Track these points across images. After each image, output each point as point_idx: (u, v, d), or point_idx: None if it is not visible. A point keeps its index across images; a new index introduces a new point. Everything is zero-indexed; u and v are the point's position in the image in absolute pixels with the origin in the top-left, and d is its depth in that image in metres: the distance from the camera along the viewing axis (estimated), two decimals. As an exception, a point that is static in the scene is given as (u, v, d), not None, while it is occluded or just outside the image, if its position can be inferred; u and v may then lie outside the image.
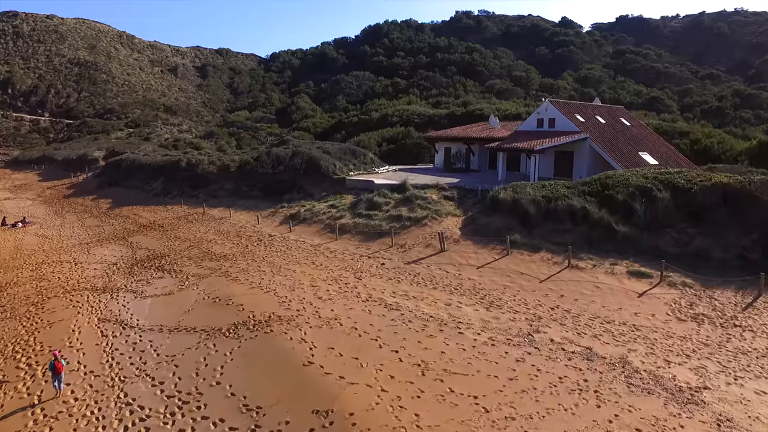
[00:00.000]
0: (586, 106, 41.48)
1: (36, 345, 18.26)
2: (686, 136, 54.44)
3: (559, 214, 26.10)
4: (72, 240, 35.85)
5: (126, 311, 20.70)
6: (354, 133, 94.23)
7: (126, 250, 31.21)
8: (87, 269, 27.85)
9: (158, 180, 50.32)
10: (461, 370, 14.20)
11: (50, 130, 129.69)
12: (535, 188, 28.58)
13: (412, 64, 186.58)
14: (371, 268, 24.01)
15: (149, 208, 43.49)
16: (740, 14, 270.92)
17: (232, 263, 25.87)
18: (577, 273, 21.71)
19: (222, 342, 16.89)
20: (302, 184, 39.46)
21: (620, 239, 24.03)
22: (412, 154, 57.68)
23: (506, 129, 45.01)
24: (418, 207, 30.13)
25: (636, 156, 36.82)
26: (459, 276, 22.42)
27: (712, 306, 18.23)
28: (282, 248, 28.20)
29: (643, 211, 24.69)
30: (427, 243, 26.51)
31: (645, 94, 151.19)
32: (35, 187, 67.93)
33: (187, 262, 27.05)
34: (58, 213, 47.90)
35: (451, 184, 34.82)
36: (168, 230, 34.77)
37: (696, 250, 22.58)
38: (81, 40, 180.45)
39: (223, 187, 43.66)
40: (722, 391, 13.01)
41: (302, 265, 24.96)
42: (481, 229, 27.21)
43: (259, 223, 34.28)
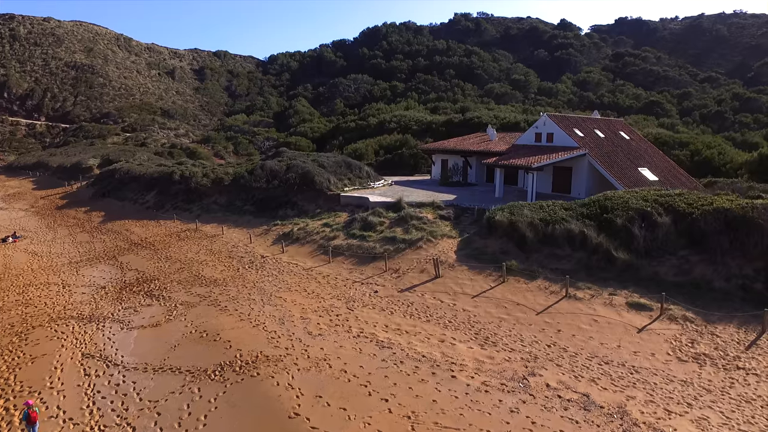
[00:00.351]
0: (584, 119, 40.91)
1: (16, 384, 17.65)
2: (686, 147, 53.90)
3: (557, 238, 25.51)
4: (62, 258, 35.23)
5: (111, 345, 20.10)
6: (352, 139, 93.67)
7: (116, 271, 30.60)
8: (75, 293, 27.23)
9: (151, 192, 49.70)
10: (452, 423, 13.61)
11: (46, 135, 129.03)
12: (533, 209, 28.00)
13: (411, 67, 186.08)
14: (364, 297, 23.41)
15: (141, 222, 42.85)
16: (739, 16, 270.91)
17: (222, 289, 25.25)
18: (575, 304, 21.13)
19: (207, 386, 16.28)
20: (296, 200, 38.85)
21: (620, 266, 23.46)
22: (410, 165, 57.07)
23: (504, 141, 44.42)
24: (413, 228, 29.53)
25: (635, 172, 36.25)
26: (453, 306, 21.83)
27: (714, 344, 17.65)
28: (274, 272, 27.59)
29: (643, 236, 24.13)
30: (422, 268, 25.92)
31: (644, 97, 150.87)
32: (29, 197, 67.25)
33: (177, 286, 26.43)
34: (50, 226, 47.25)
35: (446, 201, 34.21)
36: (159, 249, 34.15)
37: (697, 279, 22.01)
38: (78, 43, 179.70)
39: (217, 201, 43.05)
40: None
41: (293, 292, 24.35)
42: (477, 253, 26.62)
43: (251, 242, 33.66)
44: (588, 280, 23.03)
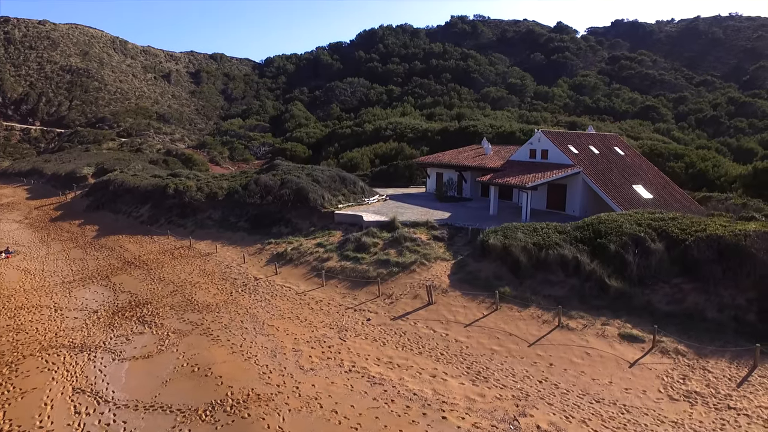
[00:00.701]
0: (579, 135, 40.92)
1: (5, 423, 17.54)
2: (681, 159, 54.01)
3: (550, 264, 25.50)
4: (54, 277, 35.07)
5: (102, 379, 19.99)
6: (347, 145, 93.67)
7: (108, 293, 30.47)
8: (67, 318, 27.11)
9: (146, 206, 49.52)
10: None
11: (41, 140, 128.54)
12: (527, 233, 27.98)
13: (407, 70, 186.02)
14: (356, 325, 23.36)
15: (135, 238, 42.69)
16: (734, 19, 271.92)
17: (214, 316, 25.16)
18: (567, 335, 21.12)
19: (197, 427, 16.20)
20: (290, 217, 38.77)
21: (613, 294, 23.46)
22: (405, 177, 57.03)
23: (499, 156, 44.41)
24: (407, 250, 29.50)
25: (629, 189, 36.26)
26: (446, 337, 21.78)
27: (706, 381, 17.66)
28: (267, 296, 27.51)
29: (636, 263, 24.13)
30: (415, 293, 25.88)
31: (640, 102, 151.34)
32: (22, 207, 66.95)
33: (169, 312, 26.32)
34: (44, 240, 47.04)
35: (440, 221, 34.18)
36: (152, 269, 34.01)
37: (690, 309, 22.01)
38: (73, 47, 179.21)
39: (211, 217, 42.92)
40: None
41: (286, 320, 24.28)
42: (471, 277, 26.59)
43: (245, 262, 33.58)
44: (581, 308, 23.02)
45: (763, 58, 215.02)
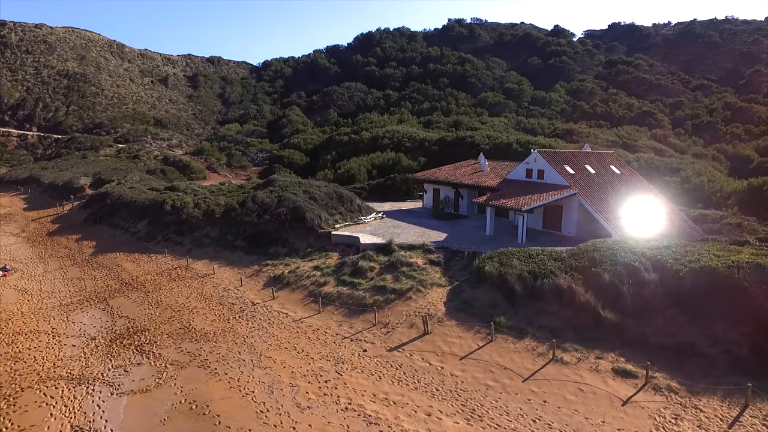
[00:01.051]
0: (575, 154, 41.13)
1: (3, 464, 17.70)
2: (677, 173, 54.26)
3: (545, 293, 25.73)
4: (52, 299, 35.18)
5: (101, 416, 20.13)
6: (345, 153, 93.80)
7: (106, 318, 30.60)
8: (64, 345, 27.24)
9: (143, 221, 49.64)
10: None
11: (38, 146, 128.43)
12: (522, 259, 28.20)
13: (405, 74, 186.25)
14: (353, 357, 23.54)
15: (132, 256, 42.80)
16: (731, 22, 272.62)
17: (212, 346, 25.32)
18: (561, 369, 21.34)
19: (194, 472, 16.38)
20: (287, 237, 38.95)
21: (607, 326, 23.67)
22: (402, 190, 57.21)
23: (495, 173, 44.62)
24: (403, 275, 29.71)
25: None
26: (441, 371, 21.97)
27: (698, 421, 17.88)
28: (264, 323, 27.67)
29: (630, 294, 24.36)
30: (411, 322, 26.07)
31: (637, 107, 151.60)
32: (19, 218, 66.93)
33: (167, 340, 26.47)
34: (41, 257, 47.11)
35: (437, 243, 34.36)
36: (150, 292, 34.13)
37: (683, 343, 22.23)
38: (70, 51, 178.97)
39: (209, 234, 43.06)
40: None
41: (283, 350, 24.45)
42: (466, 306, 26.78)
43: (242, 285, 33.73)
44: (575, 340, 23.25)
45: (759, 62, 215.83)
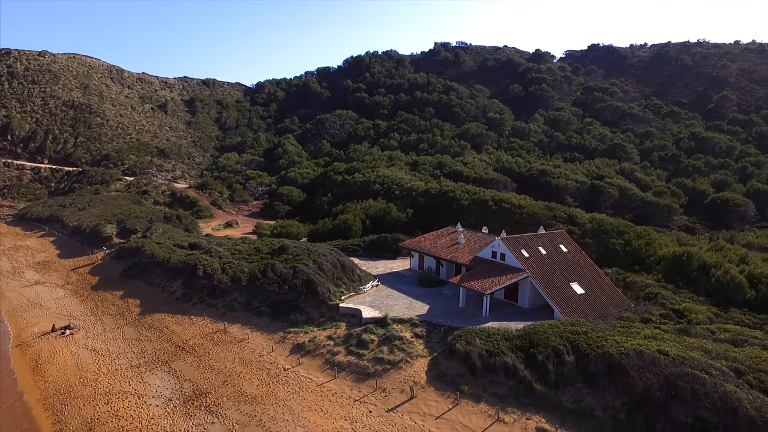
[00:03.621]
0: (531, 237, 52.03)
1: (144, 500, 27.91)
2: (621, 236, 65.23)
3: (497, 368, 36.42)
4: (122, 359, 45.27)
5: (196, 465, 30.43)
6: (340, 195, 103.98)
7: (174, 381, 40.81)
8: (150, 405, 37.43)
9: (177, 281, 59.72)
10: None
11: (51, 179, 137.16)
12: (482, 338, 38.89)
13: (393, 102, 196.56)
14: (362, 416, 34.06)
15: (176, 318, 52.94)
16: (702, 45, 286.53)
17: (263, 408, 35.70)
18: (502, 427, 32.01)
19: (271, 505, 26.78)
20: (304, 306, 49.42)
21: (537, 395, 34.41)
22: (392, 249, 67.85)
23: (469, 247, 55.43)
24: (396, 348, 40.37)
25: (567, 288, 47.43)
26: (423, 427, 32.57)
27: (583, 467, 28.59)
28: (296, 387, 38.11)
29: (554, 371, 35.13)
30: (402, 388, 36.65)
31: (609, 139, 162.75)
32: (58, 267, 76.54)
33: (227, 402, 36.81)
34: (95, 313, 57.05)
35: (421, 316, 45.15)
36: (201, 356, 44.38)
37: (585, 408, 33.04)
38: (74, 79, 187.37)
39: (237, 300, 53.34)
40: None
41: (313, 412, 34.91)
42: (441, 374, 37.44)
43: (273, 351, 44.09)
44: (515, 404, 33.95)
45: (726, 86, 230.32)
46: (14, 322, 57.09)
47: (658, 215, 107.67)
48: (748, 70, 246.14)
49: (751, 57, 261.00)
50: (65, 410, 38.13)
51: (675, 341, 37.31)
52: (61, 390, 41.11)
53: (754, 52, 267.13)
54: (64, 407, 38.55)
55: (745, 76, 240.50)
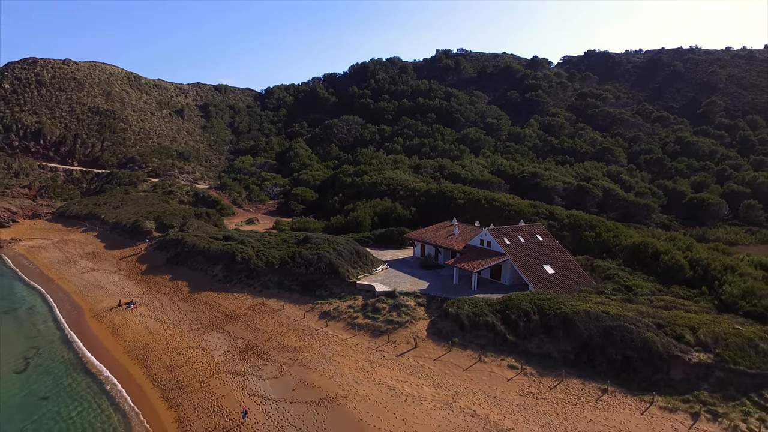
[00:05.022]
0: (512, 229, 63.29)
1: (224, 409, 39.30)
2: (594, 229, 76.44)
3: (480, 325, 47.71)
4: (182, 326, 56.64)
5: (259, 388, 41.82)
6: (350, 195, 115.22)
7: (228, 339, 52.20)
8: (213, 355, 48.80)
9: (218, 266, 71.07)
10: (422, 422, 35.64)
11: (82, 180, 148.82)
12: (470, 305, 50.18)
13: (397, 108, 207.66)
14: (378, 359, 45.39)
15: (221, 295, 64.32)
16: (694, 52, 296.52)
17: (302, 355, 47.04)
18: (483, 365, 43.30)
19: (316, 408, 38.15)
20: (327, 284, 60.76)
21: (509, 344, 45.71)
22: (398, 240, 79.21)
23: (463, 237, 66.71)
24: (403, 313, 51.69)
25: (541, 269, 58.70)
26: (423, 366, 43.87)
27: (539, 387, 39.89)
28: (325, 341, 49.48)
29: (523, 326, 46.42)
30: (408, 341, 48.00)
31: (599, 143, 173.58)
32: (107, 257, 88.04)
33: (274, 352, 48.18)
34: (150, 293, 68.44)
35: (422, 290, 56.52)
36: (247, 321, 55.77)
37: (545, 352, 44.32)
38: (97, 87, 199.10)
39: (271, 280, 64.67)
40: (518, 432, 34.59)
41: (341, 357, 46.27)
42: (438, 331, 48.77)
43: (305, 317, 55.47)
44: (493, 350, 45.23)
45: (716, 92, 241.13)
46: (83, 299, 68.50)
47: (639, 213, 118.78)
48: (737, 76, 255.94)
49: (740, 63, 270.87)
50: (147, 359, 49.57)
51: (617, 305, 48.57)
52: (139, 346, 52.53)
53: (744, 58, 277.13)
54: (146, 357, 49.98)
55: (734, 82, 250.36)
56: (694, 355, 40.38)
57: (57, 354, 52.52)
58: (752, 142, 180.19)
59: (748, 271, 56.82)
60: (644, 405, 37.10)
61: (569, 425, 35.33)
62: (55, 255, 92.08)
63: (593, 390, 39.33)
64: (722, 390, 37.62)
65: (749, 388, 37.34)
